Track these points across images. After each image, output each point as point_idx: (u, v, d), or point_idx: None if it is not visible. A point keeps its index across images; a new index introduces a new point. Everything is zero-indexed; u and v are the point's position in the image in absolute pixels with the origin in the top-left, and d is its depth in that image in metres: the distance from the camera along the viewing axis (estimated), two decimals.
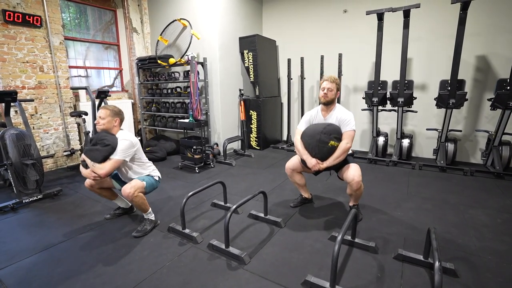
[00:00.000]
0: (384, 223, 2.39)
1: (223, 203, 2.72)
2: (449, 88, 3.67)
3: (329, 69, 4.89)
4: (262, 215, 2.46)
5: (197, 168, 3.92)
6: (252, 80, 4.97)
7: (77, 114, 3.88)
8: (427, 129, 4.25)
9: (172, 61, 4.46)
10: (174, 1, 4.92)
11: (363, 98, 4.42)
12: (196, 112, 4.04)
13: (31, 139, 2.95)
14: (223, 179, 2.80)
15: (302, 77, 5.06)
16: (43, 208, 2.82)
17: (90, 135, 3.87)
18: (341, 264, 1.85)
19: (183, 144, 4.04)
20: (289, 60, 5.16)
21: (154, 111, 5.19)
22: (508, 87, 3.40)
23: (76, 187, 3.37)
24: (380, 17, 3.94)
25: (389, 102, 4.24)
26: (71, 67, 4.49)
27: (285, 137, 5.76)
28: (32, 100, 3.57)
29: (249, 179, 3.59)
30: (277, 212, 2.63)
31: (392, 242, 2.09)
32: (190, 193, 2.24)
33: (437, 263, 1.40)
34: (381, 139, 4.34)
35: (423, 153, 4.51)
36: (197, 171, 3.89)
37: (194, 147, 3.92)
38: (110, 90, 4.90)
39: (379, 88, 4.19)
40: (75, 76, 4.67)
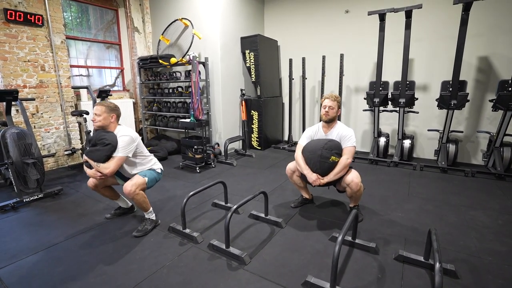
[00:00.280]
0: (384, 224, 2.39)
1: (223, 203, 2.72)
2: (451, 89, 3.67)
3: (330, 70, 4.89)
4: (262, 215, 2.46)
5: (198, 168, 3.92)
6: (253, 80, 4.97)
7: (78, 113, 3.89)
8: (429, 130, 4.23)
9: (173, 60, 4.47)
10: (176, 0, 4.92)
11: (365, 98, 4.41)
12: (197, 112, 4.04)
13: (32, 138, 2.95)
14: (224, 179, 2.80)
15: (303, 78, 5.06)
16: (44, 207, 2.82)
17: (91, 134, 3.88)
18: (342, 264, 1.84)
19: (184, 144, 4.04)
20: (290, 60, 5.15)
21: (155, 111, 5.19)
22: (510, 88, 3.39)
23: (77, 187, 3.37)
24: (382, 18, 3.94)
25: (390, 102, 4.23)
26: (72, 66, 4.50)
27: (286, 137, 5.76)
28: (33, 99, 3.57)
29: (250, 179, 3.59)
30: (278, 212, 2.63)
31: (392, 243, 2.09)
32: (191, 193, 2.24)
33: (437, 264, 1.40)
34: (382, 140, 4.34)
35: (424, 154, 4.50)
36: (198, 171, 3.89)
37: (195, 147, 3.92)
38: (111, 89, 4.91)
39: (381, 88, 4.18)
40: (76, 75, 4.68)
